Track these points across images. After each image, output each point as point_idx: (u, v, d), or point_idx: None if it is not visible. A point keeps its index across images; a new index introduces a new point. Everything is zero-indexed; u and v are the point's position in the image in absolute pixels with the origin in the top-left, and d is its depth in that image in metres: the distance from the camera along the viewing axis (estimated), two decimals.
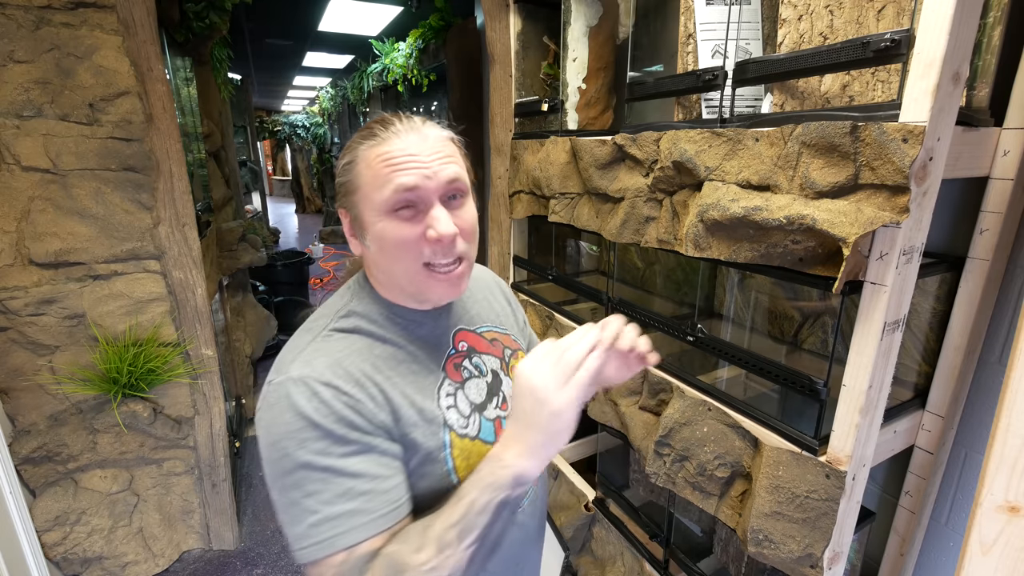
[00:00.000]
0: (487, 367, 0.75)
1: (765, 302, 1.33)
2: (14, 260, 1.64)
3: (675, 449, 1.14)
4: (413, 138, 0.62)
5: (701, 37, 1.09)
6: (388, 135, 0.62)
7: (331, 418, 0.57)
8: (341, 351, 0.63)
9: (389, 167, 0.60)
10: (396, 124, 0.63)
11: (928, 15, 0.69)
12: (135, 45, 1.64)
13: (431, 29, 3.38)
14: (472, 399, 0.71)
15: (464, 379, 0.72)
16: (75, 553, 1.81)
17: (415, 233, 0.61)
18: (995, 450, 0.65)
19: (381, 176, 0.61)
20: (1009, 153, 0.91)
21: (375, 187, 0.61)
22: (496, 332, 0.80)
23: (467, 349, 0.74)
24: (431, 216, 0.61)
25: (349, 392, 0.59)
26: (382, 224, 0.62)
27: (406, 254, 0.62)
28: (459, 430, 0.67)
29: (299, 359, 0.61)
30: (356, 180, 0.63)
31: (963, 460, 1.08)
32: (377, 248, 0.64)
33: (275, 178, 15.17)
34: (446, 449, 0.65)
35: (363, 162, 0.62)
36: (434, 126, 0.66)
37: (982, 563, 0.68)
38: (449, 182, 0.62)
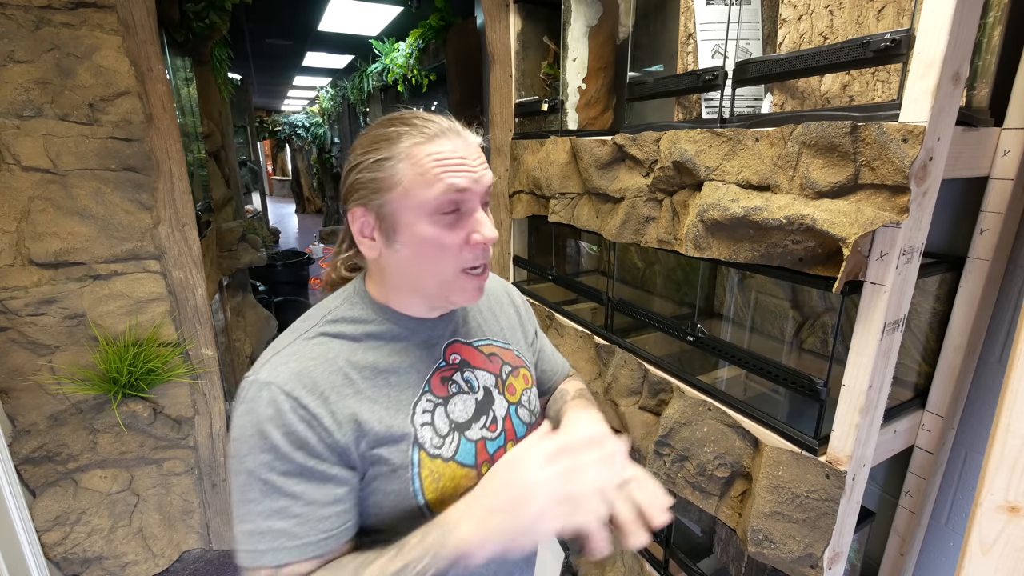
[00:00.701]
0: (479, 384, 0.71)
1: (765, 302, 1.33)
2: (14, 260, 1.64)
3: (675, 449, 1.14)
4: (460, 142, 0.61)
5: (701, 37, 1.09)
6: (434, 134, 0.60)
7: (281, 431, 0.56)
8: (315, 358, 0.61)
9: (441, 167, 0.58)
10: (441, 123, 0.62)
11: (928, 15, 0.69)
12: (135, 45, 1.64)
13: (431, 29, 3.38)
14: (455, 417, 0.67)
15: (450, 395, 0.68)
16: (75, 553, 1.81)
17: (459, 237, 0.60)
18: (995, 450, 0.66)
19: (430, 175, 0.58)
20: (1009, 153, 0.91)
21: (422, 186, 0.58)
22: (496, 347, 0.77)
23: (459, 363, 0.71)
24: (476, 220, 0.61)
25: (308, 406, 0.57)
26: (424, 226, 0.59)
27: (447, 257, 0.61)
28: (431, 449, 0.63)
29: (273, 360, 0.60)
30: (395, 177, 0.59)
31: (963, 460, 1.08)
32: (412, 251, 0.61)
33: (275, 178, 15.17)
34: (413, 468, 0.62)
35: (407, 160, 0.59)
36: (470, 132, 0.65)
37: (982, 563, 0.68)
38: (488, 187, 0.63)
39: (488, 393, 0.72)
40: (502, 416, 0.72)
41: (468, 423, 0.68)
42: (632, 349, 1.36)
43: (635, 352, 1.34)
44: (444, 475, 0.64)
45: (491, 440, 0.69)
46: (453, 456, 0.65)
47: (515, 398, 0.75)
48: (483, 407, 0.70)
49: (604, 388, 1.41)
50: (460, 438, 0.66)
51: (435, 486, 0.63)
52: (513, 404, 0.74)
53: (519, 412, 0.74)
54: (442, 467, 0.64)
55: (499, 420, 0.71)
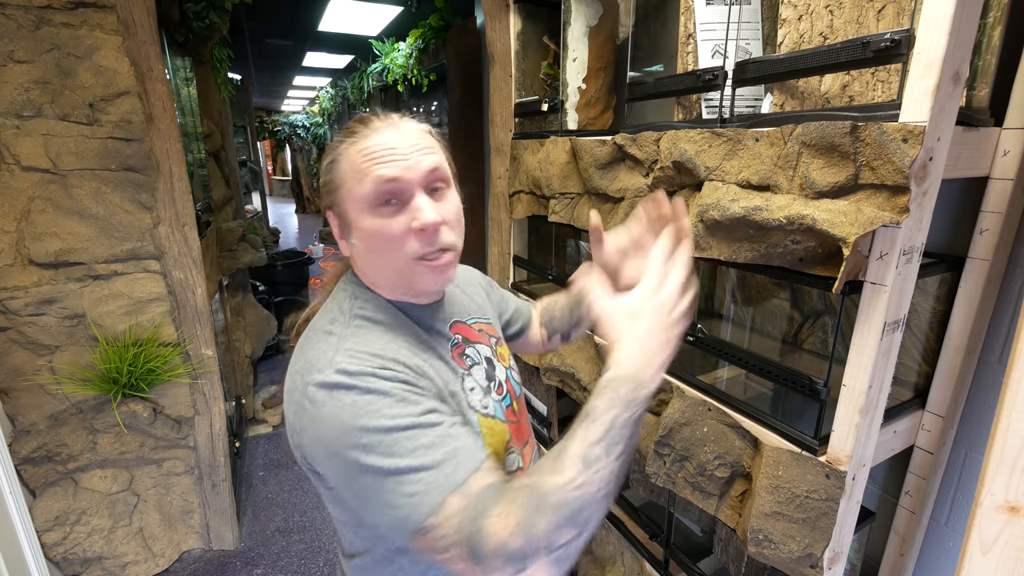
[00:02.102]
0: (481, 355, 0.78)
1: (765, 302, 1.33)
2: (14, 260, 1.64)
3: (675, 449, 1.14)
4: (391, 133, 0.63)
5: (701, 37, 1.09)
6: (367, 132, 0.64)
7: (396, 388, 0.57)
8: (375, 341, 0.62)
9: (369, 161, 0.61)
10: (375, 121, 0.65)
11: (928, 15, 0.69)
12: (135, 45, 1.64)
13: (431, 29, 3.38)
14: (480, 383, 0.74)
15: (469, 366, 0.74)
16: (75, 553, 1.81)
17: (400, 226, 0.62)
18: (995, 450, 0.66)
19: (361, 170, 0.62)
20: (1009, 153, 0.91)
21: (356, 182, 0.62)
22: (482, 323, 0.84)
23: (463, 340, 0.77)
24: (414, 206, 0.62)
25: (400, 370, 0.60)
26: (367, 220, 0.62)
27: (393, 248, 0.62)
28: (481, 410, 0.70)
29: (339, 354, 0.59)
30: (338, 178, 0.65)
31: (963, 460, 1.08)
32: (364, 245, 0.64)
33: (275, 178, 15.17)
34: (476, 427, 0.68)
35: (344, 159, 0.64)
36: (411, 120, 0.67)
37: (982, 563, 0.68)
38: (430, 171, 0.63)
39: (490, 361, 0.79)
40: (503, 379, 0.80)
41: (488, 388, 0.75)
42: None
43: None
44: (495, 430, 0.71)
45: (502, 401, 0.77)
46: (495, 414, 0.72)
47: (507, 363, 0.83)
48: (490, 374, 0.77)
49: None
50: (491, 399, 0.74)
51: (491, 440, 0.69)
52: (507, 368, 0.82)
53: (512, 375, 0.83)
54: (492, 424, 0.71)
55: (503, 383, 0.79)
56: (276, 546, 2.19)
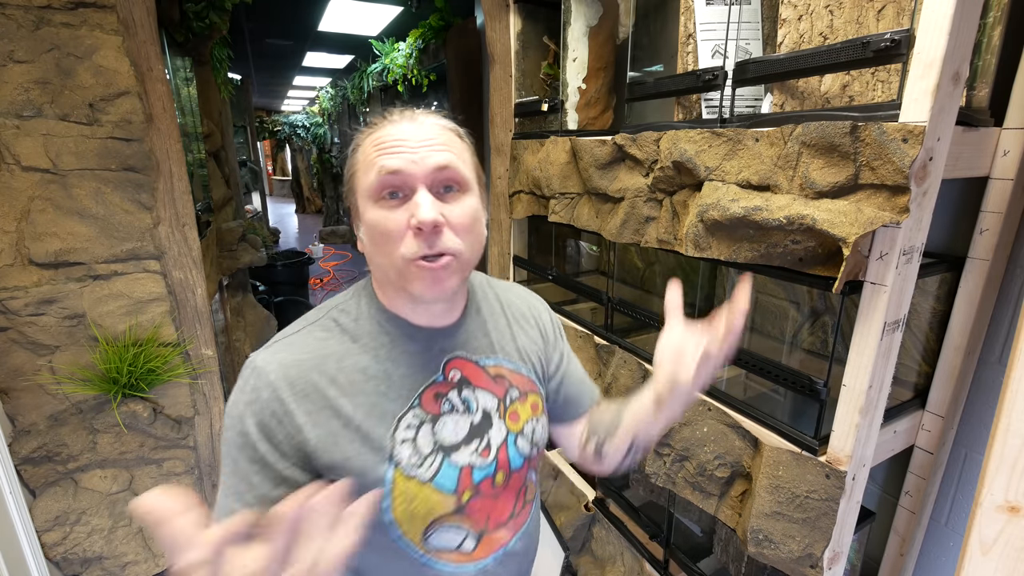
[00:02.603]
0: (478, 405, 0.67)
1: (765, 302, 1.33)
2: (14, 260, 1.64)
3: (675, 449, 1.14)
4: (406, 125, 0.61)
5: (701, 37, 1.09)
6: (385, 123, 0.63)
7: (254, 419, 0.59)
8: (309, 352, 0.62)
9: (378, 150, 0.60)
10: (395, 114, 0.64)
11: (928, 15, 0.69)
12: (135, 45, 1.64)
13: (431, 29, 3.38)
14: (441, 437, 0.64)
15: (441, 412, 0.65)
16: (75, 553, 1.81)
17: (399, 221, 0.58)
18: (995, 450, 0.66)
19: (370, 160, 0.60)
20: (1009, 153, 0.91)
21: (364, 171, 0.61)
22: (505, 368, 0.71)
23: (459, 380, 0.67)
24: (412, 201, 0.58)
25: (285, 400, 0.59)
26: (370, 211, 0.61)
27: (390, 243, 0.59)
28: (407, 468, 0.61)
29: (274, 346, 0.63)
30: (353, 166, 0.64)
31: (963, 460, 1.08)
32: (367, 238, 0.62)
33: (275, 178, 15.17)
34: (385, 485, 0.61)
35: (360, 149, 0.63)
36: (434, 116, 0.64)
37: (982, 563, 0.68)
38: (437, 168, 0.59)
39: (487, 416, 0.68)
40: (497, 444, 0.68)
41: (457, 445, 0.65)
42: (632, 349, 1.36)
43: (635, 352, 1.34)
44: (417, 497, 0.62)
45: (480, 468, 0.66)
46: (431, 479, 0.62)
47: (517, 426, 0.70)
48: (478, 430, 0.67)
49: (604, 388, 1.41)
50: (443, 460, 0.63)
51: (405, 507, 0.62)
52: (513, 432, 0.70)
53: (518, 442, 0.70)
54: (416, 488, 0.62)
55: (493, 447, 0.67)
56: None
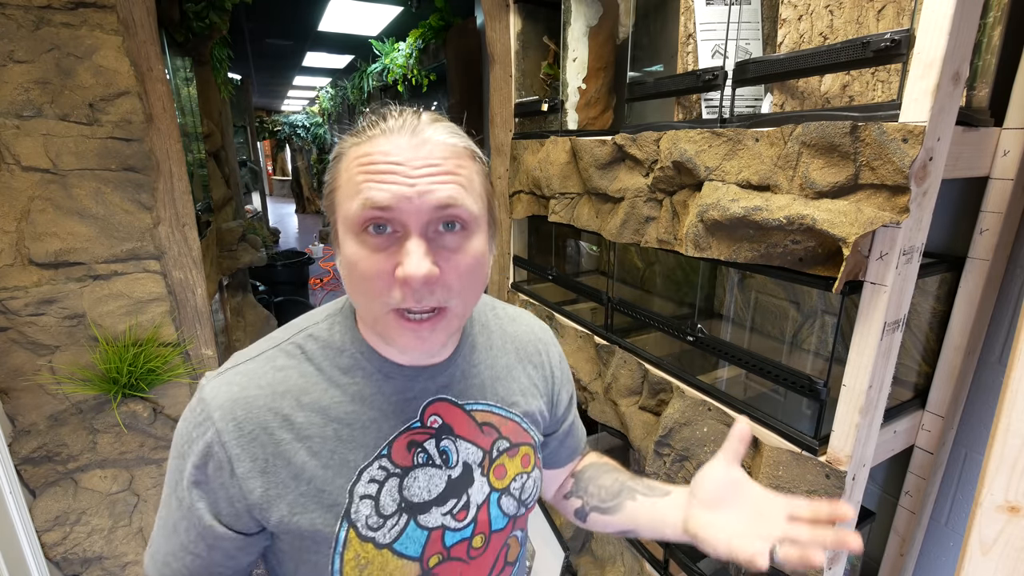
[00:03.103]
0: (458, 458, 0.58)
1: (765, 302, 1.33)
2: (14, 260, 1.64)
3: (675, 449, 1.14)
4: (404, 141, 0.47)
5: (701, 37, 1.09)
6: (376, 132, 0.48)
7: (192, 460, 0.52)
8: (264, 387, 0.53)
9: (365, 174, 0.46)
10: (390, 120, 0.49)
11: (928, 15, 0.69)
12: (135, 45, 1.65)
13: (431, 29, 3.38)
14: (410, 495, 0.55)
15: (413, 465, 0.56)
16: (75, 553, 1.81)
17: (383, 265, 0.47)
18: (995, 450, 0.66)
19: (354, 183, 0.47)
20: (1009, 153, 0.91)
21: (347, 195, 0.48)
22: (496, 415, 0.62)
23: (439, 427, 0.58)
24: (403, 248, 0.46)
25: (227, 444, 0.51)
26: (349, 244, 0.48)
27: (371, 288, 0.48)
28: (363, 530, 0.53)
29: (228, 373, 0.54)
30: (335, 181, 0.50)
31: (963, 460, 1.08)
32: (343, 272, 0.51)
33: (275, 178, 15.17)
34: (337, 545, 0.53)
35: (344, 160, 0.49)
36: (440, 128, 0.49)
37: (982, 563, 0.68)
38: (439, 207, 0.46)
39: (467, 471, 0.58)
40: (478, 503, 0.59)
41: (427, 505, 0.56)
42: (632, 349, 1.36)
43: (635, 352, 1.34)
44: (373, 563, 0.53)
45: (454, 530, 0.58)
46: (391, 543, 0.54)
47: (502, 483, 0.61)
48: (455, 488, 0.57)
49: (604, 388, 1.41)
50: (409, 522, 0.55)
51: (358, 572, 0.53)
52: (497, 491, 0.61)
53: (502, 501, 0.61)
54: (372, 553, 0.53)
55: (472, 507, 0.59)
56: None
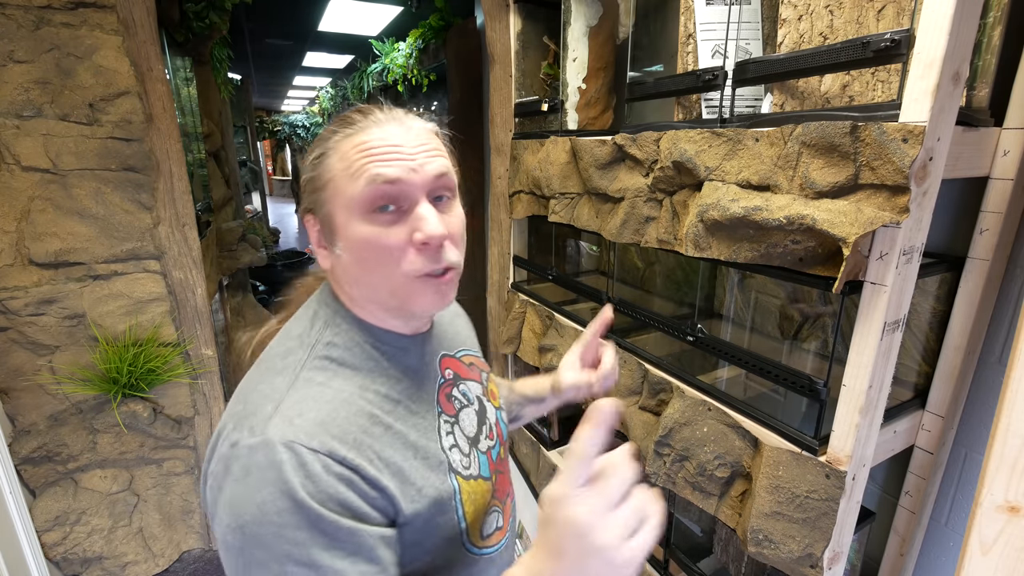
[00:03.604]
0: (472, 394, 0.69)
1: (765, 302, 1.33)
2: (14, 260, 1.64)
3: (675, 449, 1.14)
4: (394, 128, 0.54)
5: (701, 37, 1.09)
6: (367, 123, 0.54)
7: (322, 497, 0.46)
8: (331, 401, 0.51)
9: (366, 157, 0.52)
10: (376, 113, 0.55)
11: (928, 15, 0.69)
12: (135, 45, 1.65)
13: (431, 29, 3.38)
14: (467, 432, 0.64)
15: (457, 410, 0.65)
16: (75, 553, 1.81)
17: (399, 237, 0.52)
18: (995, 450, 0.66)
19: (356, 168, 0.52)
20: (1009, 153, 0.91)
21: (348, 180, 0.52)
22: (471, 355, 0.75)
23: (453, 376, 0.67)
24: (417, 215, 0.52)
25: (345, 460, 0.48)
26: (357, 227, 0.52)
27: (389, 262, 0.52)
28: (463, 472, 0.60)
29: (279, 413, 0.49)
30: (326, 174, 0.54)
31: (963, 460, 1.08)
32: (352, 256, 0.54)
33: (275, 178, 15.17)
34: (456, 497, 0.58)
35: (336, 154, 0.54)
36: (417, 118, 0.58)
37: (982, 563, 0.68)
38: (437, 177, 0.54)
39: (481, 402, 0.70)
40: (493, 422, 0.70)
41: (477, 436, 0.66)
42: (632, 349, 1.36)
43: (635, 352, 1.34)
44: (477, 493, 0.61)
45: (493, 448, 0.68)
46: (479, 472, 0.63)
47: (497, 402, 0.75)
48: (482, 416, 0.68)
49: None
50: (476, 452, 0.64)
51: (472, 508, 0.60)
52: (497, 408, 0.74)
53: (502, 416, 0.75)
54: (474, 486, 0.61)
55: (493, 426, 0.70)
56: None
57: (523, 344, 1.85)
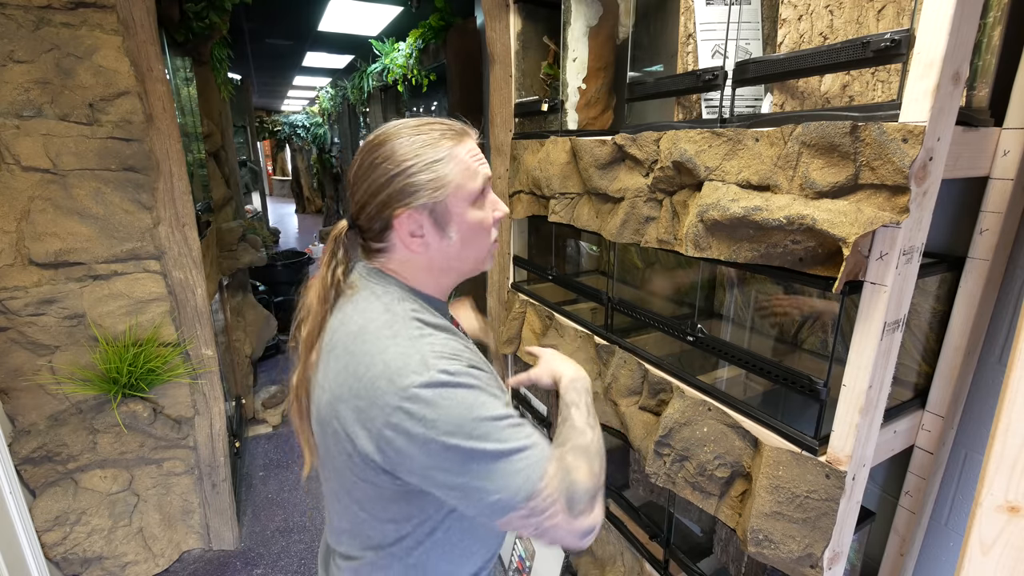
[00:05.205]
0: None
1: (765, 302, 1.33)
2: (14, 260, 1.64)
3: (675, 449, 1.14)
4: (473, 138, 0.75)
5: (701, 37, 1.09)
6: (466, 137, 0.73)
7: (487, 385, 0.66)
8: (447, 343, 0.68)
9: (476, 161, 0.72)
10: (467, 128, 0.75)
11: (928, 15, 0.69)
12: (135, 45, 1.64)
13: (431, 29, 3.38)
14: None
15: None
16: (75, 553, 1.81)
17: (491, 216, 0.75)
18: (995, 450, 0.65)
19: (472, 169, 0.71)
20: (1009, 153, 0.91)
21: (468, 179, 0.71)
22: None
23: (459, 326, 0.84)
24: (493, 199, 0.76)
25: (480, 367, 0.68)
26: (472, 212, 0.72)
27: (485, 234, 0.74)
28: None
29: (429, 356, 0.64)
30: (448, 176, 0.70)
31: (963, 460, 1.08)
32: (463, 236, 0.72)
33: (275, 178, 15.17)
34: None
35: (455, 159, 0.70)
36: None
37: (982, 563, 0.68)
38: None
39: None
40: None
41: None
42: (632, 349, 1.36)
43: (635, 352, 1.34)
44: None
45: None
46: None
47: None
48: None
49: (604, 388, 1.41)
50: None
51: None
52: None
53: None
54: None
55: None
56: (276, 546, 2.19)
57: (523, 344, 1.85)
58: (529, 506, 0.62)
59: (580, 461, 0.67)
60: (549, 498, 0.62)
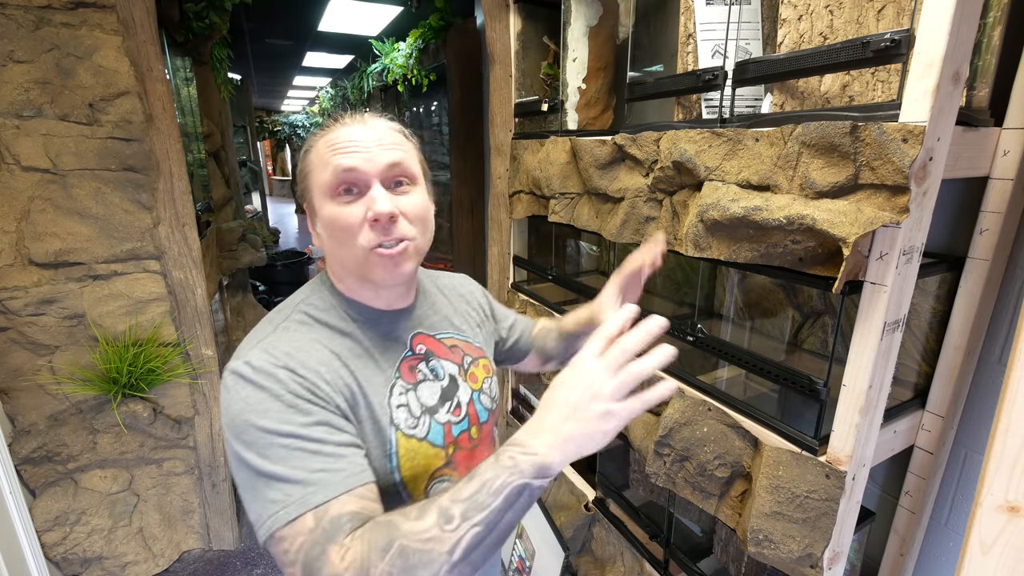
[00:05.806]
0: (445, 372, 0.76)
1: (765, 302, 1.33)
2: (14, 260, 1.64)
3: (675, 449, 1.14)
4: (357, 127, 0.67)
5: (701, 37, 1.09)
6: (337, 126, 0.68)
7: (290, 394, 0.58)
8: (299, 340, 0.64)
9: (332, 151, 0.65)
10: (346, 118, 0.69)
11: (928, 15, 0.69)
12: (135, 45, 1.64)
13: (431, 29, 3.38)
14: (424, 401, 0.72)
15: (417, 381, 0.73)
16: (75, 553, 1.81)
17: (356, 215, 0.64)
18: (995, 450, 0.65)
19: (325, 160, 0.65)
20: (1009, 153, 0.91)
21: (320, 169, 0.66)
22: (457, 339, 0.81)
23: (425, 352, 0.75)
24: (369, 197, 0.64)
25: (306, 376, 0.60)
26: (327, 207, 0.65)
27: (349, 236, 0.64)
28: (407, 430, 0.69)
29: (259, 347, 0.62)
30: (307, 167, 0.68)
31: (963, 460, 1.08)
32: (326, 233, 0.67)
33: (275, 178, 15.17)
34: (391, 446, 0.67)
35: (314, 150, 0.68)
36: (382, 119, 0.71)
37: (982, 563, 0.68)
38: (390, 166, 0.66)
39: (453, 380, 0.77)
40: (466, 401, 0.77)
41: (436, 407, 0.73)
42: None
43: None
44: (418, 454, 0.69)
45: (455, 424, 0.75)
46: (426, 436, 0.70)
47: (477, 385, 0.80)
48: (448, 393, 0.75)
49: None
50: (431, 420, 0.72)
51: (410, 464, 0.69)
52: (476, 391, 0.80)
53: (481, 398, 0.80)
54: (416, 446, 0.69)
55: (463, 405, 0.77)
56: None
57: None
58: (270, 546, 0.54)
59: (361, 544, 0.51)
60: (287, 555, 0.52)
